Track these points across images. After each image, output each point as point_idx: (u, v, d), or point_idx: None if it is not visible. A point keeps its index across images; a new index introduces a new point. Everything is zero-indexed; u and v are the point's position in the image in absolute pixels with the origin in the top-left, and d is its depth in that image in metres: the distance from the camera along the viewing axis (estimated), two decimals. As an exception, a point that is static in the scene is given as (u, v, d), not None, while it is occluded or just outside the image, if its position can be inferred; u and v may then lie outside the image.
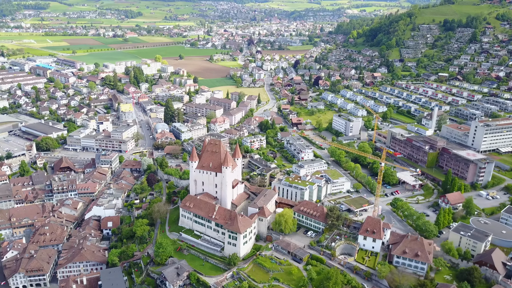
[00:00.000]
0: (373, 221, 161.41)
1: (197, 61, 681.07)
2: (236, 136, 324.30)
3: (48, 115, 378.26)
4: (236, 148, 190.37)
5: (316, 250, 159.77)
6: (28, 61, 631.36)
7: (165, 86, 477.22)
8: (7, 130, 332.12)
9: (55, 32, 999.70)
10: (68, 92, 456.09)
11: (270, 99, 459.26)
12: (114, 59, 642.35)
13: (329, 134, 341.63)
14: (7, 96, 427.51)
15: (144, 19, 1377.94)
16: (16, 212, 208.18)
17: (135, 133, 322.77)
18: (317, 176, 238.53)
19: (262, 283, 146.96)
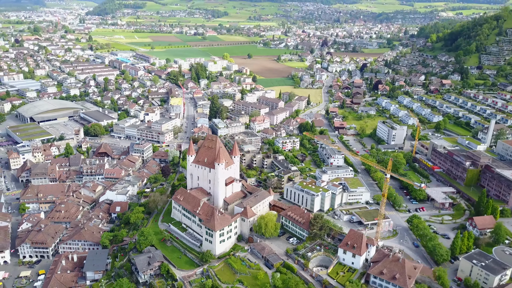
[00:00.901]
0: (355, 235, 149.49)
1: (263, 61, 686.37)
2: (271, 136, 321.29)
3: (108, 104, 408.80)
4: (234, 146, 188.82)
5: (292, 258, 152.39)
6: (111, 55, 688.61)
7: (223, 83, 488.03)
8: (68, 115, 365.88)
9: (143, 29, 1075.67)
10: (134, 84, 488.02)
11: (323, 101, 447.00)
12: (186, 55, 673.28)
13: (371, 141, 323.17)
14: (80, 85, 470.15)
15: (229, 19, 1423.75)
16: (44, 189, 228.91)
17: (176, 126, 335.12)
18: (334, 183, 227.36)
19: (226, 283, 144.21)
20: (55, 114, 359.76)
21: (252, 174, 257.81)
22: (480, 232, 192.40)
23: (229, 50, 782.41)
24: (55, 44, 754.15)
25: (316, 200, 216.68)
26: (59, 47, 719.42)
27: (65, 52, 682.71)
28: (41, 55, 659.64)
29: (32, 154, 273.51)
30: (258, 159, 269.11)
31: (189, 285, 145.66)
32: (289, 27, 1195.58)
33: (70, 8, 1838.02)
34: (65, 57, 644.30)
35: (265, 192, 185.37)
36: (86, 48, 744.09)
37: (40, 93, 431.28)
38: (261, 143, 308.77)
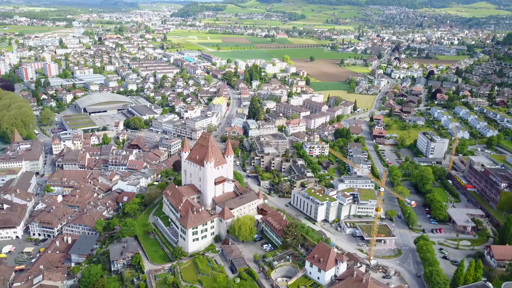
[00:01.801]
0: (323, 248, 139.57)
1: (325, 64, 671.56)
2: (302, 140, 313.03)
3: (159, 100, 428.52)
4: (228, 145, 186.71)
5: (258, 264, 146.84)
6: (179, 54, 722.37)
7: (274, 85, 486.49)
8: (117, 108, 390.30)
9: (217, 31, 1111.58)
10: (189, 83, 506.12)
11: (372, 108, 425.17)
12: (247, 57, 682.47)
13: (409, 153, 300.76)
14: (140, 81, 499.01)
15: (305, 22, 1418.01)
16: (68, 174, 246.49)
17: (210, 124, 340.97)
18: (344, 193, 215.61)
19: (187, 282, 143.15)
20: (105, 106, 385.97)
21: (266, 176, 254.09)
22: (498, 263, 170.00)
23: (294, 52, 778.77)
24: (132, 43, 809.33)
25: (320, 209, 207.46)
26: (134, 46, 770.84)
27: (138, 51, 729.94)
28: (116, 52, 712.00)
29: (72, 142, 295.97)
30: (277, 162, 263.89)
31: (153, 279, 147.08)
32: (364, 31, 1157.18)
33: (158, 10, 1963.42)
34: (136, 55, 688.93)
35: (253, 195, 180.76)
36: (157, 47, 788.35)
37: (102, 87, 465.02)
38: (289, 147, 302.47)
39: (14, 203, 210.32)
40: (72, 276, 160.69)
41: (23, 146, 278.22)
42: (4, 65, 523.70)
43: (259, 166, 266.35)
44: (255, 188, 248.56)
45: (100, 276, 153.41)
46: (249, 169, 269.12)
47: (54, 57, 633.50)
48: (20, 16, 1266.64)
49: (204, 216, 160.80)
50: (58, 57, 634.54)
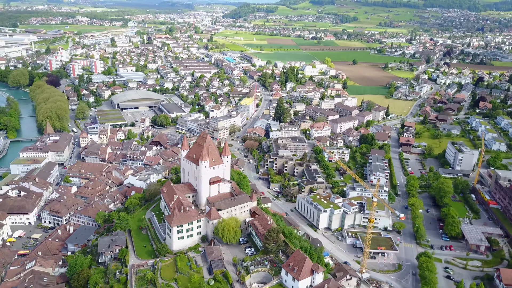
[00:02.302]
0: (299, 257, 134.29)
1: (367, 68, 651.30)
2: (324, 144, 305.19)
3: (191, 99, 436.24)
4: (225, 146, 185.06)
5: (236, 268, 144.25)
6: (221, 54, 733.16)
7: (308, 87, 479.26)
8: (148, 105, 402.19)
9: (265, 32, 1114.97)
10: (224, 83, 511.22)
11: (408, 114, 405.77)
12: (288, 58, 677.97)
13: (435, 163, 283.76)
14: (177, 80, 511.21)
15: (356, 24, 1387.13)
16: (86, 166, 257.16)
17: (233, 124, 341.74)
18: (350, 202, 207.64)
19: (164, 279, 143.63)
20: (138, 103, 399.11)
21: (277, 179, 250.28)
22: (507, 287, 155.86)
23: (338, 55, 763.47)
24: (178, 43, 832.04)
25: (323, 216, 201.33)
26: (179, 46, 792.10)
27: (182, 50, 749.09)
28: (162, 52, 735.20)
29: (98, 136, 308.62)
30: (290, 166, 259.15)
31: (134, 274, 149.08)
32: (418, 34, 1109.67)
33: (212, 11, 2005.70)
34: (180, 54, 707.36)
35: (245, 197, 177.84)
36: (201, 47, 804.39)
37: (140, 84, 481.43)
38: (308, 151, 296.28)
39: (31, 191, 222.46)
40: (65, 264, 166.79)
41: (52, 137, 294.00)
42: (55, 62, 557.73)
43: (271, 169, 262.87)
44: (264, 190, 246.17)
45: (88, 266, 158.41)
46: (262, 171, 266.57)
47: (103, 55, 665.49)
48: (82, 16, 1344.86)
49: (190, 215, 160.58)
50: (107, 55, 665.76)
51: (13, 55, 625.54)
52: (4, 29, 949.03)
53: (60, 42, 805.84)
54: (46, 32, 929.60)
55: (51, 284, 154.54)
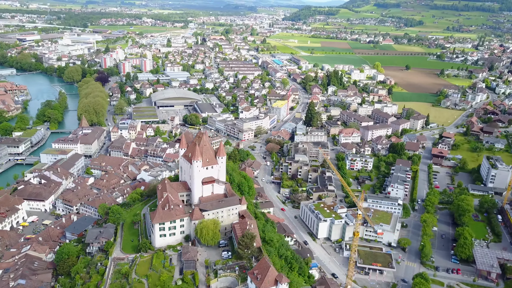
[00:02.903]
0: (264, 265, 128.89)
1: (420, 74, 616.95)
2: (350, 151, 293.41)
3: (228, 99, 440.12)
4: (220, 147, 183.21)
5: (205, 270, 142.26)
6: (271, 56, 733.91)
7: (350, 92, 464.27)
8: (184, 104, 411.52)
9: (321, 35, 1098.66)
10: (265, 85, 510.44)
11: (452, 124, 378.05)
12: (337, 62, 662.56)
13: (467, 178, 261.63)
14: (219, 80, 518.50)
15: (421, 28, 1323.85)
16: (107, 160, 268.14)
17: (259, 127, 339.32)
18: (353, 213, 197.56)
19: (137, 275, 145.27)
20: (174, 101, 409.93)
21: (287, 184, 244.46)
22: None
23: (391, 60, 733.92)
24: (231, 44, 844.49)
25: (322, 226, 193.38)
26: (231, 47, 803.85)
27: (233, 51, 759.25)
28: (213, 53, 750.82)
29: (128, 131, 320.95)
30: (304, 171, 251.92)
31: (113, 267, 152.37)
32: (488, 39, 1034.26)
33: (274, 14, 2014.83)
34: (229, 56, 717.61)
35: (235, 199, 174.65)
36: (252, 49, 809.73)
37: (182, 84, 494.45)
38: (330, 157, 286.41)
39: (51, 179, 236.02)
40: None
41: (85, 131, 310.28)
42: (109, 60, 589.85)
43: (285, 173, 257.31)
44: (274, 195, 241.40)
45: (77, 256, 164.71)
46: (276, 174, 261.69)
47: (157, 54, 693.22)
48: (148, 17, 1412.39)
49: (173, 213, 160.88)
50: (160, 55, 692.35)
51: (76, 53, 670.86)
52: (75, 29, 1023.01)
53: (120, 42, 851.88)
54: (111, 32, 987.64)
55: (40, 269, 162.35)
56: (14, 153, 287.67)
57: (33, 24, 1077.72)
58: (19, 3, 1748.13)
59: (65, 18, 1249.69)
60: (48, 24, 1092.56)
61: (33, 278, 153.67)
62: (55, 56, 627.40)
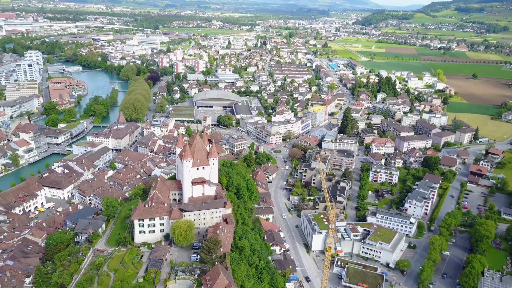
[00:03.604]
0: (215, 272, 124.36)
1: (487, 84, 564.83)
2: (378, 161, 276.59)
3: (270, 102, 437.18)
4: (212, 148, 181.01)
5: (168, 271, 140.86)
6: (328, 60, 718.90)
7: (400, 100, 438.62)
8: (223, 105, 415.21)
9: (387, 40, 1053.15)
10: (312, 89, 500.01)
11: (507, 140, 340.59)
12: (397, 68, 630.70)
13: (505, 200, 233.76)
14: (266, 83, 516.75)
15: (505, 35, 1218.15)
16: (130, 155, 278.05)
17: (288, 131, 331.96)
18: (353, 227, 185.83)
19: (107, 268, 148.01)
20: (213, 102, 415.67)
21: (297, 192, 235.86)
22: None
23: (458, 68, 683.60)
24: (289, 47, 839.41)
25: (316, 238, 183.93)
26: (289, 50, 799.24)
27: (289, 55, 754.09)
28: (269, 55, 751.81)
29: (160, 129, 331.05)
30: (318, 180, 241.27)
31: (91, 258, 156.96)
32: None
33: (346, 18, 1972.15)
34: (285, 59, 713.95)
35: (219, 202, 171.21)
36: (310, 52, 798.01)
37: (228, 85, 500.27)
38: (355, 166, 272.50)
39: (74, 169, 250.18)
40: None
41: (120, 126, 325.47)
42: (166, 60, 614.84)
43: (299, 180, 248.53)
44: (283, 201, 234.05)
45: (68, 244, 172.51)
46: (291, 181, 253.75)
47: (214, 56, 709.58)
48: (217, 20, 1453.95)
49: (153, 211, 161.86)
50: (217, 56, 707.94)
51: (139, 52, 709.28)
52: (147, 30, 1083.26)
53: (184, 43, 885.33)
54: (178, 34, 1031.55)
55: (33, 253, 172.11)
56: (53, 143, 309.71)
57: (111, 25, 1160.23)
58: (105, 6, 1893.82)
59: (141, 20, 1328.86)
60: (124, 26, 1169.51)
61: (22, 260, 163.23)
62: (120, 55, 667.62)
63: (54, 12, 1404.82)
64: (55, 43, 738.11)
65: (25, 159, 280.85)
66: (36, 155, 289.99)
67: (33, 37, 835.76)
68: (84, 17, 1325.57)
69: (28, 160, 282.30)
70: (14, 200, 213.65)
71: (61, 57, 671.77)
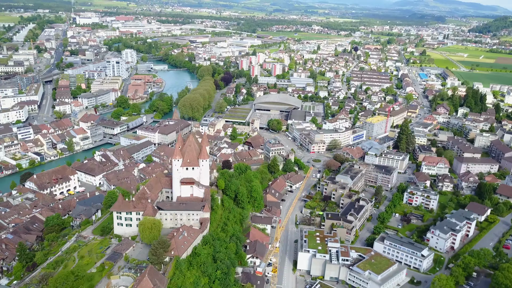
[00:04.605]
0: (142, 275, 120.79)
1: None
2: (422, 183, 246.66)
3: (334, 109, 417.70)
4: (203, 150, 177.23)
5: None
6: (420, 69, 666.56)
7: (483, 117, 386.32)
8: (281, 109, 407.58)
9: (502, 50, 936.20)
10: (386, 98, 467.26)
11: None
12: (499, 81, 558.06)
13: None
14: (337, 90, 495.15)
15: None
16: (167, 150, 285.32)
17: (334, 140, 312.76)
18: (345, 250, 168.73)
19: (79, 256, 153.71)
20: (271, 106, 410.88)
21: (309, 205, 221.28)
22: None
23: None
24: (379, 54, 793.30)
25: (302, 256, 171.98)
26: (379, 57, 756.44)
27: (377, 62, 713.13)
28: (356, 62, 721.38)
29: (208, 128, 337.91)
30: (338, 195, 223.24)
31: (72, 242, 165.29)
32: None
33: (464, 25, 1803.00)
34: (371, 66, 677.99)
35: (197, 205, 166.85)
36: (401, 60, 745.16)
37: (297, 90, 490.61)
38: (392, 185, 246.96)
39: (110, 159, 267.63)
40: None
41: (170, 122, 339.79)
42: (246, 63, 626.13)
43: (320, 193, 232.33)
44: (295, 212, 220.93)
45: (64, 227, 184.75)
46: (313, 192, 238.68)
47: (298, 60, 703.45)
48: (317, 25, 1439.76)
49: (131, 205, 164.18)
50: (299, 61, 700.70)
51: (225, 54, 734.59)
52: (243, 33, 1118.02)
53: (273, 47, 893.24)
54: (271, 38, 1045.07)
55: (36, 230, 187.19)
56: (110, 133, 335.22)
57: (213, 28, 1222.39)
58: (215, 11, 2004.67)
59: (242, 24, 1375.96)
60: (225, 29, 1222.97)
61: (22, 236, 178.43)
62: (207, 56, 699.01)
63: (169, 16, 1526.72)
64: (153, 44, 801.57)
65: (80, 146, 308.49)
66: (91, 143, 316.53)
67: (139, 38, 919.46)
68: (192, 20, 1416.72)
69: (83, 147, 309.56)
70: (48, 181, 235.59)
71: (156, 56, 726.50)
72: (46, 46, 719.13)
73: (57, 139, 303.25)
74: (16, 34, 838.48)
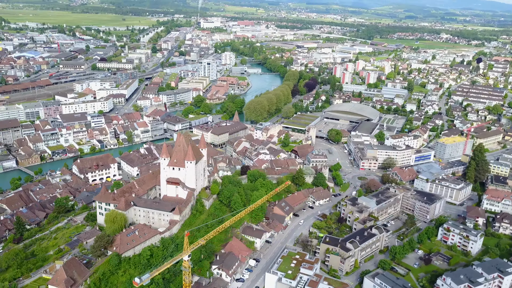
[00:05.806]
0: (76, 268, 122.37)
1: None
2: (470, 219, 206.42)
3: (415, 125, 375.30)
4: (189, 151, 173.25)
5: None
6: None
7: None
8: (352, 119, 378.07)
9: None
10: (485, 117, 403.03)
11: None
12: None
13: None
14: (429, 104, 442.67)
15: None
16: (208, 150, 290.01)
17: (389, 158, 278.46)
18: (316, 280, 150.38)
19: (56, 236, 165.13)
20: (341, 115, 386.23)
21: (317, 224, 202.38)
22: None
23: None
24: (506, 68, 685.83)
25: (269, 278, 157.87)
26: (504, 71, 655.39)
27: (498, 75, 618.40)
28: (472, 75, 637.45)
29: (261, 133, 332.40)
30: (353, 218, 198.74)
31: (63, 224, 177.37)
32: None
33: None
34: (490, 81, 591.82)
35: (168, 205, 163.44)
36: None
37: (381, 101, 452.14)
38: (431, 217, 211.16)
39: (152, 153, 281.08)
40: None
41: (227, 124, 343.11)
42: (340, 70, 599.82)
43: (337, 213, 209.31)
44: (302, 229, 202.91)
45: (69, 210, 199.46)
46: (333, 210, 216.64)
47: (402, 69, 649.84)
48: (446, 33, 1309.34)
49: (110, 197, 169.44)
50: (404, 70, 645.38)
51: (325, 60, 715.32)
52: (357, 40, 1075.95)
53: (384, 55, 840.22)
54: (386, 45, 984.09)
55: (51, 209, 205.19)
56: (172, 129, 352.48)
57: (328, 34, 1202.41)
58: (340, 17, 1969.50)
59: (362, 30, 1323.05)
60: (340, 36, 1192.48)
61: (36, 212, 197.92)
62: (305, 62, 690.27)
63: (290, 21, 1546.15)
64: (258, 48, 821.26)
65: (140, 138, 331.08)
66: (150, 136, 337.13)
67: (249, 41, 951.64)
68: (311, 26, 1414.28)
69: (142, 139, 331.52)
70: (89, 167, 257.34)
71: (256, 59, 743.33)
72: (162, 46, 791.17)
73: (120, 129, 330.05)
74: (144, 36, 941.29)
